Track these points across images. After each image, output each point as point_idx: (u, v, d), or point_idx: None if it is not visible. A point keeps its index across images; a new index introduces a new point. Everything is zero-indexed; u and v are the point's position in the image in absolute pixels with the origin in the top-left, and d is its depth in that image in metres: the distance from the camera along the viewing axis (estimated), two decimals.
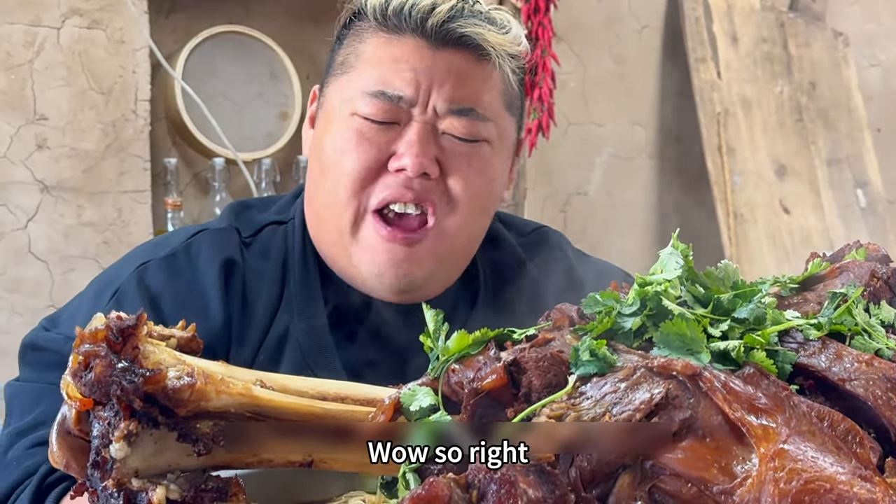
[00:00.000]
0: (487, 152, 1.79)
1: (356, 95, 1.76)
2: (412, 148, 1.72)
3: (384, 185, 1.74)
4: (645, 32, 5.31)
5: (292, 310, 1.82)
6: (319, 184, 1.80)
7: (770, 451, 0.95)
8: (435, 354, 1.08)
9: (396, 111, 1.75)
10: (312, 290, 1.84)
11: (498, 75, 1.79)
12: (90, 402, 1.01)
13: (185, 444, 1.03)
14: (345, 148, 1.75)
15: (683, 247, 1.13)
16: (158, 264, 1.81)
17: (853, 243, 1.32)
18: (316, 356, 1.80)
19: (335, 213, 1.77)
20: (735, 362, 1.03)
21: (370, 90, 1.75)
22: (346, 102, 1.78)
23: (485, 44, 1.76)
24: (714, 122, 5.17)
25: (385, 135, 1.75)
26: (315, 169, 1.82)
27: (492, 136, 1.79)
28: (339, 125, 1.77)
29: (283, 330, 1.80)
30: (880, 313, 1.16)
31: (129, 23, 4.01)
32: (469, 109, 1.76)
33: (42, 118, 3.95)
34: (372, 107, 1.74)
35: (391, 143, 1.75)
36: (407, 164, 1.72)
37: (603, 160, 5.21)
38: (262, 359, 1.78)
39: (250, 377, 1.06)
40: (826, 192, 5.30)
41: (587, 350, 1.02)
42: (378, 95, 1.74)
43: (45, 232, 3.94)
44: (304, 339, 1.80)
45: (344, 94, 1.79)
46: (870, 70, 5.75)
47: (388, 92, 1.74)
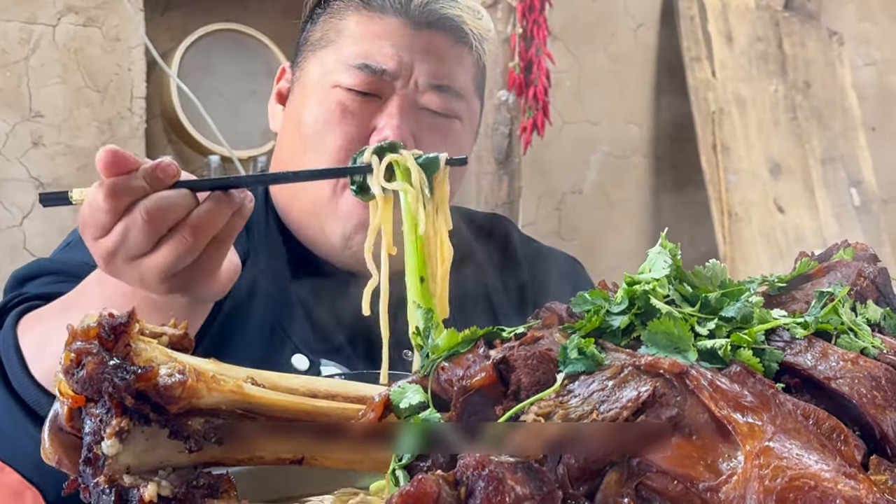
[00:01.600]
0: (459, 128, 1.88)
1: (338, 68, 1.83)
2: (393, 120, 1.79)
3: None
4: (640, 31, 5.32)
5: (257, 268, 1.87)
6: (296, 153, 1.85)
7: (755, 449, 0.96)
8: (424, 352, 1.09)
9: (379, 84, 1.81)
10: (275, 249, 1.90)
11: (472, 58, 1.90)
12: (82, 399, 1.02)
13: (177, 440, 1.04)
14: (327, 120, 1.81)
15: (672, 246, 1.14)
16: None
17: (841, 243, 1.33)
18: (283, 310, 1.85)
19: (314, 183, 1.82)
20: (722, 361, 1.04)
21: (353, 63, 1.82)
22: (327, 74, 1.83)
23: (464, 26, 1.86)
24: (709, 121, 5.18)
25: (367, 107, 1.81)
26: (293, 139, 1.87)
27: (463, 114, 1.88)
28: (321, 97, 1.83)
29: (248, 289, 1.83)
30: (867, 312, 1.16)
31: (125, 20, 4.02)
32: (447, 86, 1.85)
33: (37, 115, 3.96)
34: (355, 78, 1.81)
35: (372, 117, 1.81)
36: (388, 135, 1.77)
37: (598, 158, 5.22)
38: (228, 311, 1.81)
39: (241, 374, 1.07)
40: (820, 191, 5.32)
41: (575, 348, 1.03)
42: (362, 68, 1.81)
43: (41, 229, 3.95)
44: (270, 294, 1.85)
45: (324, 66, 1.85)
46: (864, 69, 5.77)
47: (372, 65, 1.81)
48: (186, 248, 1.34)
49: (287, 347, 1.80)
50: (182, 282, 1.38)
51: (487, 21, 1.92)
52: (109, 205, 1.33)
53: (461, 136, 1.88)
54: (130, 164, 1.33)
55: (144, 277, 1.37)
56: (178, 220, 1.34)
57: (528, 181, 4.81)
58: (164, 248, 1.35)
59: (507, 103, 4.35)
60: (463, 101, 1.87)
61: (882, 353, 1.08)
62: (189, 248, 1.35)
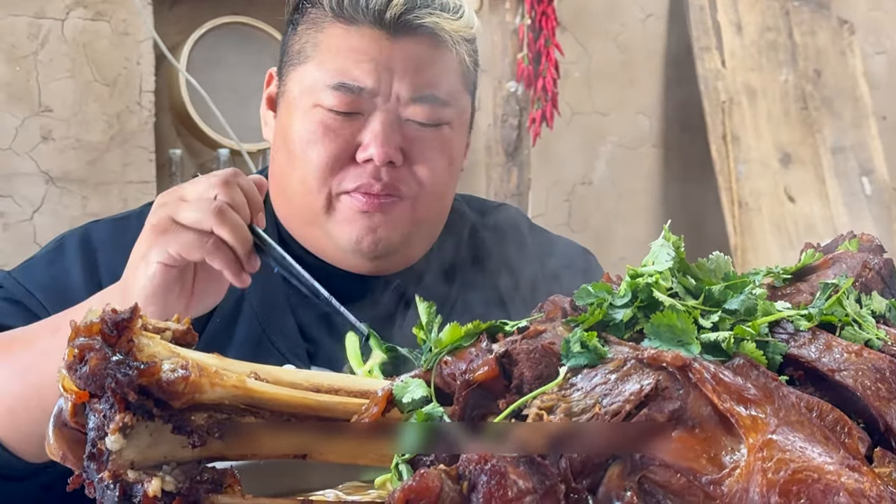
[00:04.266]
0: (448, 133, 1.85)
1: (317, 87, 1.80)
2: (377, 138, 1.77)
3: (354, 175, 1.79)
4: (649, 21, 5.30)
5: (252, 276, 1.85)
6: (287, 170, 1.85)
7: (758, 442, 0.96)
8: (427, 346, 1.09)
9: (359, 102, 1.79)
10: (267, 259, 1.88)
11: (454, 59, 1.85)
12: (86, 395, 1.02)
13: (181, 436, 1.04)
14: (310, 139, 1.79)
15: (675, 238, 1.14)
16: (107, 222, 1.89)
17: (847, 234, 1.32)
18: (270, 320, 1.85)
19: (307, 199, 1.82)
20: (725, 353, 1.04)
21: (331, 83, 1.79)
22: (307, 93, 1.81)
23: (442, 32, 1.81)
24: (719, 111, 5.17)
25: (350, 125, 1.79)
26: (282, 155, 1.86)
27: (452, 118, 1.85)
28: (302, 116, 1.81)
29: (238, 296, 1.83)
30: (871, 303, 1.16)
31: (133, 14, 4.02)
32: (431, 96, 1.81)
33: (47, 110, 3.97)
34: (334, 99, 1.78)
35: (356, 134, 1.79)
36: (373, 153, 1.76)
37: (607, 149, 5.21)
38: (216, 322, 1.82)
39: (244, 369, 1.07)
40: (831, 181, 5.30)
41: (578, 342, 1.03)
42: (339, 87, 1.78)
43: (51, 223, 3.96)
44: (258, 304, 1.85)
45: (303, 83, 1.82)
46: (875, 58, 5.74)
47: (350, 84, 1.78)
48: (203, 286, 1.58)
49: (275, 359, 1.79)
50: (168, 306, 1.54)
51: (468, 17, 1.87)
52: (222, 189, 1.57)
53: (450, 140, 1.85)
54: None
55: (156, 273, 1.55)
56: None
57: (538, 172, 4.81)
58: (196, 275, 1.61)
59: (516, 95, 4.35)
60: (449, 106, 1.83)
61: (886, 345, 1.08)
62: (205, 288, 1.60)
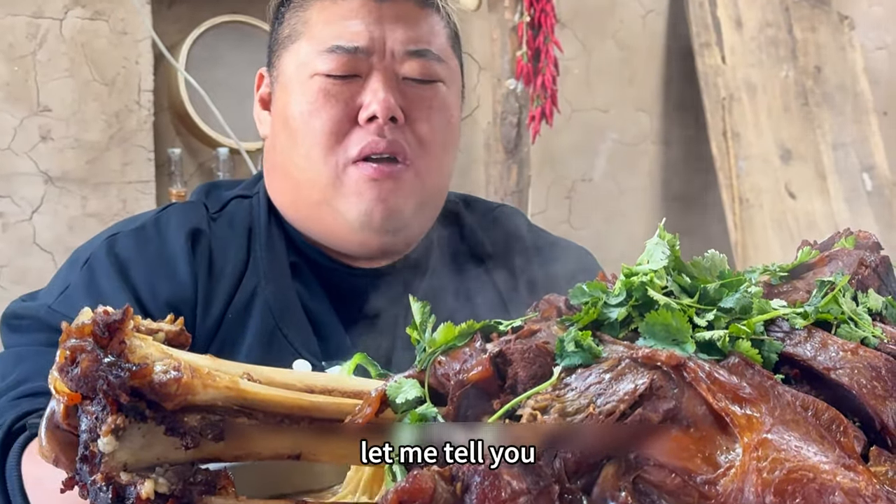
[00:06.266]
0: (444, 92, 1.87)
1: (312, 57, 1.82)
2: (377, 94, 1.79)
3: (357, 138, 1.80)
4: (649, 18, 5.30)
5: (259, 274, 1.87)
6: (289, 150, 1.85)
7: (753, 441, 0.95)
8: (421, 346, 1.09)
9: (356, 63, 1.81)
10: (277, 254, 1.90)
11: (442, 20, 1.89)
12: (78, 397, 1.02)
13: (173, 437, 1.04)
14: (311, 109, 1.81)
15: (670, 237, 1.13)
16: (127, 235, 1.87)
17: (844, 231, 1.32)
18: (284, 315, 1.85)
19: (312, 173, 1.82)
20: (721, 352, 1.03)
21: (326, 47, 1.81)
22: (303, 66, 1.83)
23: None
24: (719, 108, 5.16)
25: (349, 89, 1.81)
26: (282, 137, 1.86)
27: (446, 77, 1.88)
28: (301, 89, 1.82)
29: (251, 293, 1.85)
30: (868, 301, 1.16)
31: (132, 13, 4.02)
32: (425, 50, 1.84)
33: (45, 109, 3.97)
34: (331, 62, 1.80)
35: (356, 97, 1.81)
36: (376, 109, 1.78)
37: (607, 146, 5.20)
38: (230, 318, 1.83)
39: (237, 370, 1.06)
40: (832, 177, 5.29)
41: (572, 341, 1.03)
42: (335, 50, 1.81)
43: (50, 223, 3.96)
44: (272, 300, 1.85)
45: (298, 58, 1.84)
46: (875, 53, 5.74)
47: (344, 45, 1.80)
48: None
49: (288, 353, 1.80)
50: None
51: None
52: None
53: (447, 98, 1.88)
54: None
55: None
56: None
57: (538, 170, 4.80)
58: None
59: (516, 92, 4.34)
60: (443, 63, 1.87)
61: (882, 343, 1.07)
62: None
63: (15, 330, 1.78)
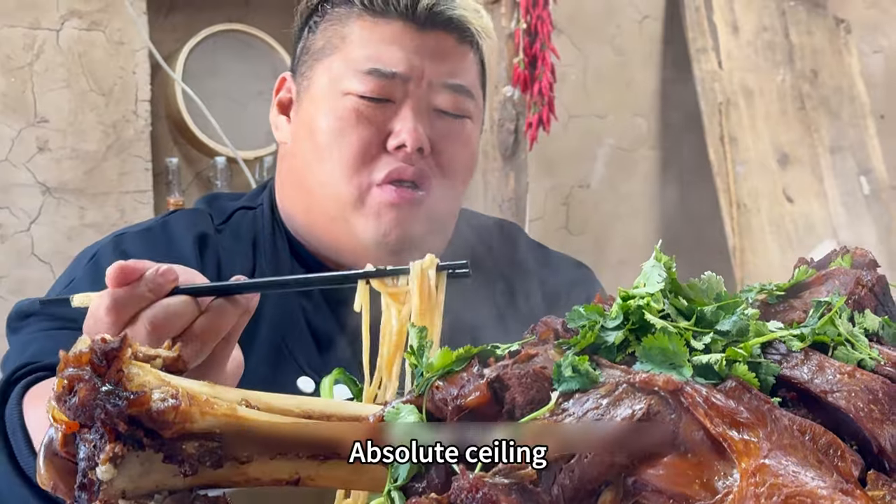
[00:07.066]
0: (470, 127, 1.89)
1: (347, 74, 1.82)
2: (408, 123, 1.80)
3: (384, 163, 1.81)
4: (645, 23, 5.30)
5: None
6: (312, 163, 1.85)
7: (751, 467, 0.95)
8: (419, 371, 1.09)
9: (391, 88, 1.81)
10: (282, 266, 1.90)
11: (476, 56, 1.91)
12: (76, 425, 1.02)
13: (172, 464, 1.04)
14: (342, 127, 1.81)
15: (666, 259, 1.13)
16: (134, 235, 1.88)
17: (840, 249, 1.32)
18: (288, 330, 1.85)
19: (334, 189, 1.83)
20: (718, 375, 1.03)
21: (363, 69, 1.82)
22: (336, 81, 1.83)
23: (470, 26, 1.87)
24: (716, 112, 5.16)
25: (381, 113, 1.82)
26: (306, 149, 1.86)
27: (474, 113, 1.90)
28: (332, 105, 1.83)
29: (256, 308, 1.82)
30: (864, 322, 1.16)
31: (128, 24, 4.02)
32: (459, 85, 1.86)
33: (43, 120, 3.97)
34: (367, 84, 1.81)
35: (387, 122, 1.82)
36: (405, 139, 1.79)
37: (605, 152, 5.20)
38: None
39: (235, 397, 1.06)
40: (829, 181, 5.29)
41: (569, 366, 1.03)
42: (372, 73, 1.81)
43: (48, 234, 3.96)
44: (277, 314, 1.85)
45: (332, 73, 1.85)
46: (872, 57, 5.74)
47: (382, 69, 1.81)
48: (192, 353, 1.32)
49: (292, 369, 1.79)
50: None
51: (488, 20, 1.94)
52: (112, 318, 1.31)
53: (471, 134, 1.90)
54: (135, 273, 1.31)
55: None
56: (182, 329, 1.32)
57: (535, 176, 4.80)
58: None
59: (513, 99, 4.34)
60: (473, 100, 1.89)
61: (879, 365, 1.07)
62: (195, 354, 1.33)
63: (19, 329, 1.75)
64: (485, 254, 2.04)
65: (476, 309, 1.93)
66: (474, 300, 1.96)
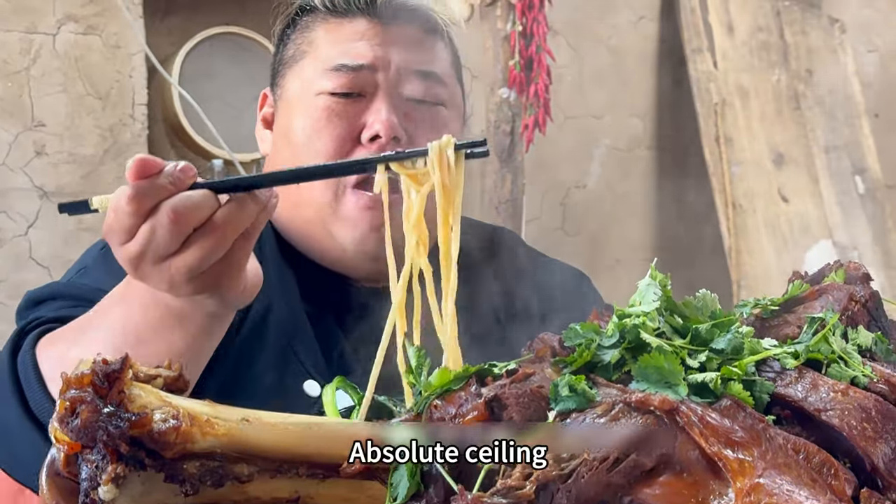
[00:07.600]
0: (445, 115, 1.88)
1: (317, 75, 1.83)
2: (381, 114, 1.80)
3: (359, 157, 1.79)
4: (641, 24, 5.31)
5: (270, 291, 1.85)
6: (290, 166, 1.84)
7: (746, 486, 0.97)
8: (417, 390, 1.10)
9: (360, 81, 1.82)
10: (286, 271, 1.89)
11: (445, 45, 1.91)
12: (78, 446, 1.03)
13: (173, 484, 1.05)
14: (315, 127, 1.81)
15: (662, 277, 1.15)
16: None
17: (833, 263, 1.33)
18: (295, 334, 1.84)
19: (310, 194, 1.82)
20: (713, 394, 1.04)
21: (331, 66, 1.82)
22: (308, 84, 1.84)
23: (434, 15, 1.88)
24: (711, 113, 5.17)
25: (353, 108, 1.82)
26: (284, 154, 1.87)
27: (448, 100, 1.89)
28: (305, 107, 1.83)
29: (264, 310, 1.83)
30: (858, 338, 1.17)
31: (125, 27, 4.02)
32: (429, 72, 1.86)
33: (40, 125, 3.97)
34: (336, 81, 1.82)
35: (360, 116, 1.81)
36: (379, 129, 1.78)
37: (601, 153, 5.21)
38: (245, 334, 1.80)
39: (235, 416, 1.07)
40: (824, 180, 5.30)
41: (566, 385, 1.04)
42: (340, 69, 1.82)
43: (46, 238, 3.97)
44: (284, 317, 1.85)
45: (303, 77, 1.86)
46: (867, 56, 5.75)
47: (350, 63, 1.82)
48: (213, 245, 1.33)
49: (299, 373, 1.80)
50: (210, 280, 1.37)
51: (454, 8, 1.94)
52: (133, 207, 1.32)
53: (447, 122, 1.88)
54: (155, 166, 1.33)
55: (173, 278, 1.35)
56: (203, 220, 1.33)
57: (532, 177, 4.81)
58: (192, 247, 1.33)
59: (509, 101, 4.35)
60: (446, 87, 1.88)
61: (872, 383, 1.09)
62: (216, 246, 1.33)
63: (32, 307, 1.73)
64: (482, 262, 2.04)
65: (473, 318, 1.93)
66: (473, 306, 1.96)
